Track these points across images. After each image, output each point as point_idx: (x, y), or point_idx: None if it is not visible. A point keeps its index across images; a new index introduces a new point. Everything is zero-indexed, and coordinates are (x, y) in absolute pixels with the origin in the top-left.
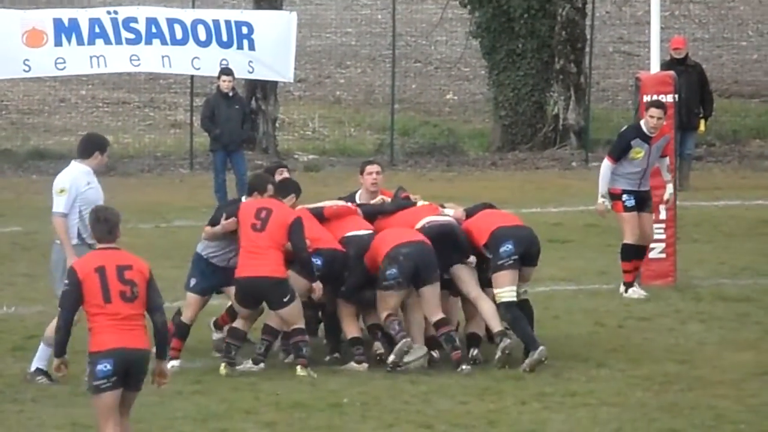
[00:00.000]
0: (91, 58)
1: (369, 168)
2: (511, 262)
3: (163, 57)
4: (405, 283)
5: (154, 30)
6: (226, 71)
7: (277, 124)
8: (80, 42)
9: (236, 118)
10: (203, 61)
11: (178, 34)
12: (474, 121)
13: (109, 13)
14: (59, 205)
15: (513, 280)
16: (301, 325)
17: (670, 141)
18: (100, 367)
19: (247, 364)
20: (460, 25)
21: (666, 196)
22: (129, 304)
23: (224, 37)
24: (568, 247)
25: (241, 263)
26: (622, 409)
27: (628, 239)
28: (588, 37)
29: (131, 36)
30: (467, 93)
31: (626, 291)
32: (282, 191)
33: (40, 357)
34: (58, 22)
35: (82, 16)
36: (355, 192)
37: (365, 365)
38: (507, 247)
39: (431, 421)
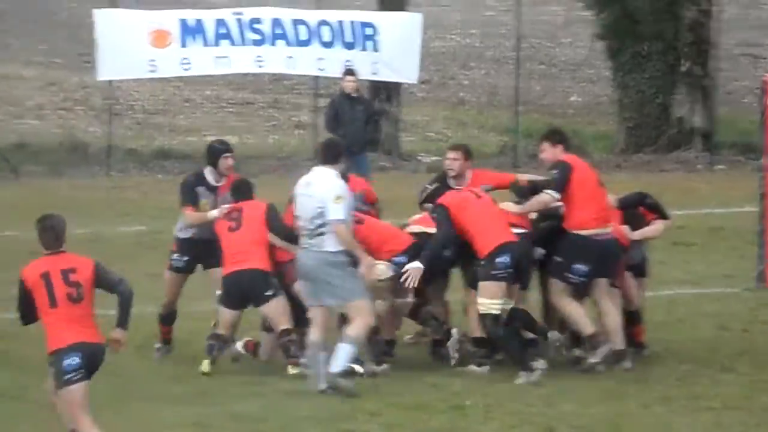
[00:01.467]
0: (216, 58)
1: (448, 153)
2: (504, 274)
3: (287, 58)
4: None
5: (278, 31)
6: (350, 72)
7: (400, 126)
8: (205, 43)
9: (360, 120)
10: (327, 62)
11: (303, 35)
12: (598, 123)
13: (234, 14)
14: (339, 212)
15: (501, 293)
16: (287, 325)
17: None
18: (67, 361)
19: (371, 366)
20: (584, 27)
21: None
22: (76, 305)
23: (349, 38)
24: (692, 251)
25: (225, 266)
26: (747, 413)
27: None
28: (714, 39)
29: (256, 37)
30: (591, 95)
31: None
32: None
33: (342, 358)
34: (183, 23)
35: (208, 16)
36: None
37: (486, 368)
38: (504, 259)
39: (554, 423)
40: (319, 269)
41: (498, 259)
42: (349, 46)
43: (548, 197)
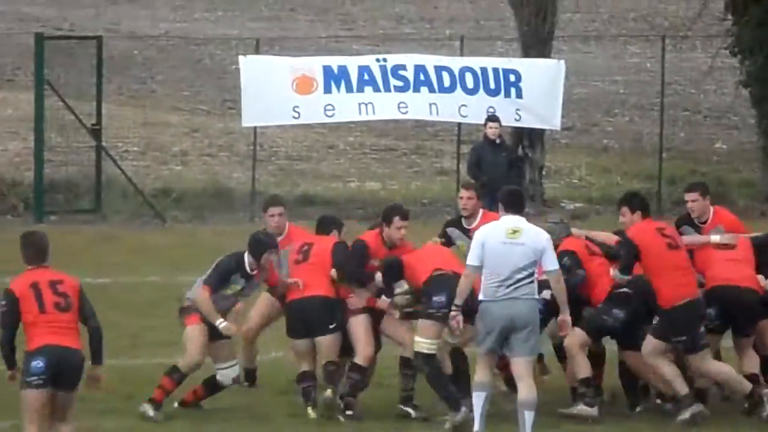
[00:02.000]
0: (359, 105)
1: (462, 192)
2: (440, 314)
3: (430, 104)
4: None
5: (422, 77)
6: (493, 118)
7: (543, 172)
8: (349, 89)
9: (503, 165)
10: (470, 109)
11: (446, 82)
12: (743, 171)
13: (378, 60)
14: (556, 261)
15: (438, 333)
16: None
17: None
18: (33, 363)
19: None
20: (729, 74)
21: None
22: (63, 313)
23: (492, 85)
24: None
25: (289, 295)
26: None
27: None
28: None
29: (399, 83)
30: (736, 141)
31: None
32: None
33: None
34: (327, 70)
35: (352, 63)
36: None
37: (596, 409)
38: (440, 298)
39: None
40: (531, 317)
41: (434, 298)
42: (493, 92)
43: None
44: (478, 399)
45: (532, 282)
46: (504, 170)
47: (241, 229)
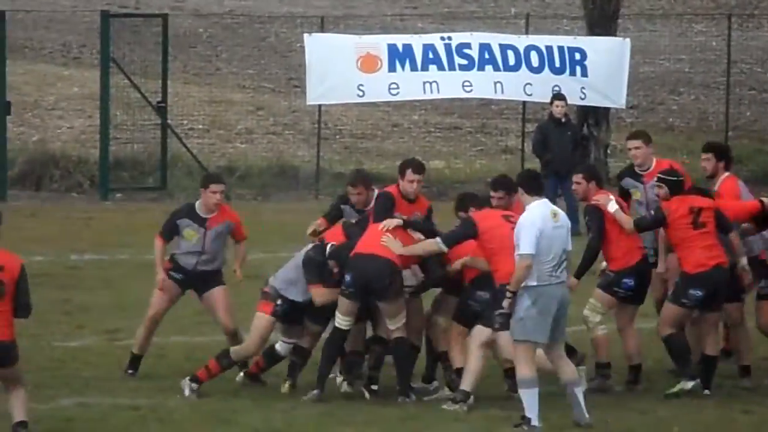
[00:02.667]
0: (424, 83)
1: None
2: (347, 292)
3: (495, 83)
4: None
5: (487, 56)
6: (558, 97)
7: (608, 151)
8: (414, 68)
9: (568, 144)
10: (535, 87)
11: (511, 60)
12: None
13: (442, 39)
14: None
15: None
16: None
17: None
18: None
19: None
20: None
21: None
22: None
23: (557, 63)
24: None
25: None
26: None
27: None
28: None
29: (464, 62)
30: None
31: None
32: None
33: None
34: (392, 48)
35: (416, 42)
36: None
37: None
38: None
39: None
40: (569, 298)
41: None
42: (558, 71)
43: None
44: (531, 396)
45: (564, 267)
46: (569, 149)
47: (305, 206)
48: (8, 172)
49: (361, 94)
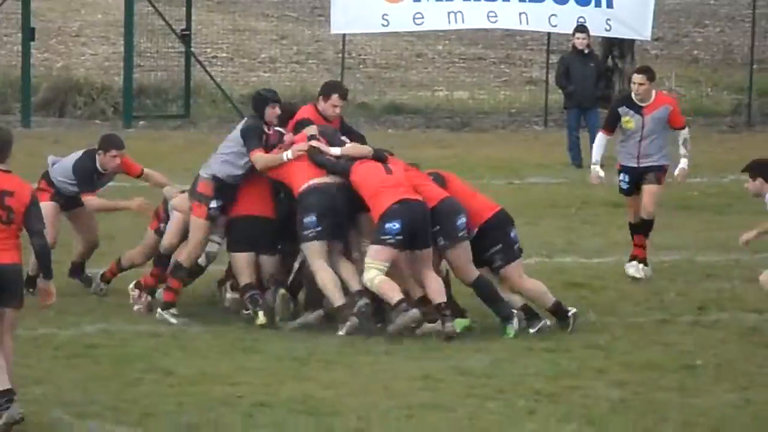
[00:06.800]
0: (448, 13)
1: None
2: (395, 240)
3: (520, 14)
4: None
5: None
6: (581, 29)
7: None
8: None
9: (591, 76)
10: (560, 18)
11: None
12: None
13: None
14: None
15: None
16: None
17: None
18: None
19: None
20: None
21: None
22: (4, 226)
23: None
24: None
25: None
26: None
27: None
28: None
29: None
30: None
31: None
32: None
33: None
34: None
35: None
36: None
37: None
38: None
39: None
40: None
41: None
42: (583, 2)
43: None
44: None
45: None
46: (592, 80)
47: None
48: (32, 99)
49: (385, 23)
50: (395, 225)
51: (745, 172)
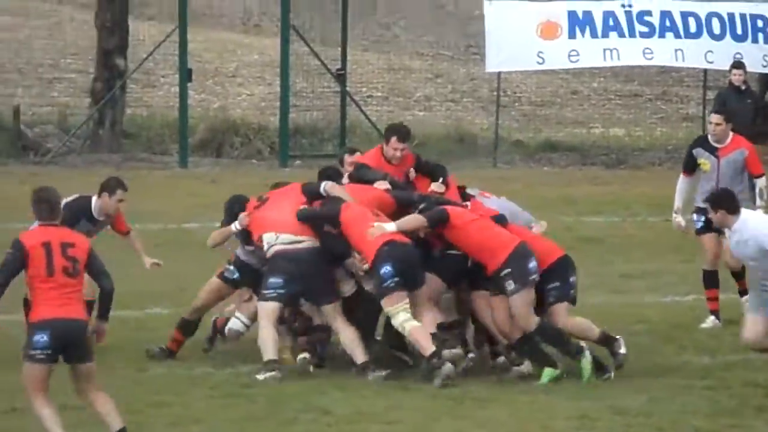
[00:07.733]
0: (604, 50)
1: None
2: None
3: (676, 50)
4: None
5: (667, 23)
6: (737, 65)
7: None
8: (594, 35)
9: (748, 113)
10: (716, 55)
11: (692, 28)
12: None
13: (623, 6)
14: None
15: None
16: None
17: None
18: (36, 337)
19: None
20: None
21: None
22: (71, 279)
23: (739, 30)
24: None
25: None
26: None
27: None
28: None
29: (644, 29)
30: None
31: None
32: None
33: None
34: (572, 15)
35: (597, 9)
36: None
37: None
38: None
39: None
40: None
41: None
42: (739, 38)
43: None
44: None
45: None
46: (749, 117)
47: (484, 173)
48: (189, 139)
49: (540, 61)
50: (387, 268)
51: (707, 203)
